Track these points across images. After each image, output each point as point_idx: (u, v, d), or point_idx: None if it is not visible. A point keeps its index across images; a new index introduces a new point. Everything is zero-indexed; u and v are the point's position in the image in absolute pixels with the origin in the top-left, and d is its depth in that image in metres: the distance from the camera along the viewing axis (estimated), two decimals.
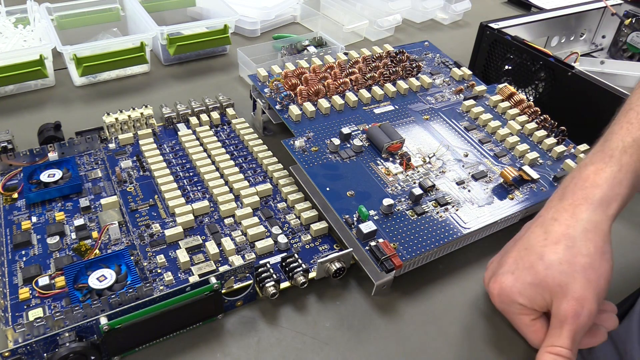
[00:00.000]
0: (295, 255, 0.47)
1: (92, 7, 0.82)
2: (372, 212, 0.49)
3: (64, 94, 0.72)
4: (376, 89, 0.64)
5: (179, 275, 0.47)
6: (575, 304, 0.37)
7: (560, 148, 0.60)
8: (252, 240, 0.50)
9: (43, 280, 0.45)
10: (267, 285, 0.44)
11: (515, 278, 0.39)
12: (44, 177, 0.54)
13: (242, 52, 0.76)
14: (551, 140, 0.61)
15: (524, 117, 0.64)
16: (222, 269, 0.47)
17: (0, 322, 0.41)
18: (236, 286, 0.45)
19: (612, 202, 0.39)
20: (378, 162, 0.56)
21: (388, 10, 0.95)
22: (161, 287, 0.45)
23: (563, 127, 0.63)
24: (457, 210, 0.52)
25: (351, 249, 0.48)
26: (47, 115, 0.67)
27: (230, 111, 0.66)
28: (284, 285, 0.46)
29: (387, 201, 0.49)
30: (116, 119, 0.61)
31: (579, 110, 0.68)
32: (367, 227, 0.47)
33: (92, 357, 0.38)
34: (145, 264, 0.47)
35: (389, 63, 0.69)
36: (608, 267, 0.38)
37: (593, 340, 0.40)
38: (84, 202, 0.53)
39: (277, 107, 0.60)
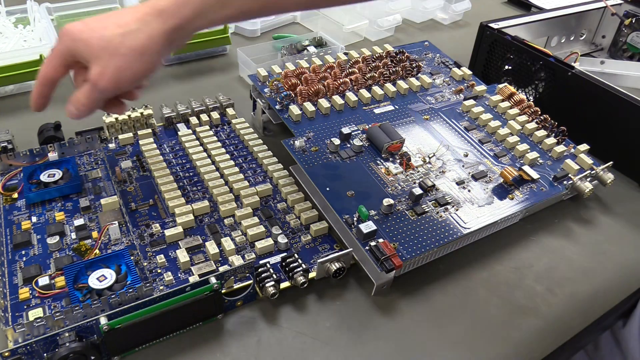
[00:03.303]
0: (295, 255, 0.47)
1: (92, 7, 0.82)
2: (372, 212, 0.49)
3: (63, 94, 0.72)
4: (376, 89, 0.64)
5: (179, 275, 0.47)
6: (97, 75, 0.42)
7: (560, 148, 0.60)
8: (252, 240, 0.50)
9: (43, 280, 0.45)
10: (267, 285, 0.44)
11: (83, 24, 0.43)
12: (44, 177, 0.54)
13: (242, 52, 0.76)
14: (551, 140, 0.61)
15: (524, 117, 0.64)
16: (222, 269, 0.47)
17: (0, 322, 0.41)
18: (236, 286, 0.45)
19: (170, 18, 0.42)
20: (378, 162, 0.56)
21: (388, 10, 0.95)
22: (161, 287, 0.45)
23: (563, 127, 0.63)
24: (457, 210, 0.52)
25: (351, 249, 0.48)
26: (47, 115, 0.67)
27: (230, 111, 0.66)
28: (284, 285, 0.46)
29: (387, 201, 0.49)
30: (116, 119, 0.61)
31: (579, 110, 0.68)
32: (367, 227, 0.47)
33: (92, 357, 0.38)
34: (145, 264, 0.47)
35: (389, 63, 0.69)
36: (141, 68, 0.43)
37: (115, 110, 0.48)
38: (84, 202, 0.53)
39: (277, 107, 0.60)
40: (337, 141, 0.56)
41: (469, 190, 0.54)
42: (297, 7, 0.45)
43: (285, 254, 0.49)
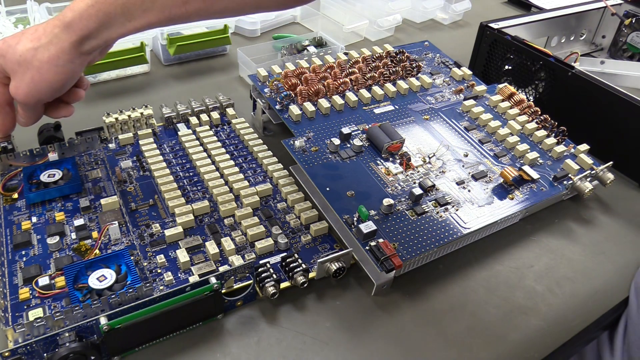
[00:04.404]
0: (295, 255, 0.47)
1: None
2: (372, 212, 0.49)
3: None
4: (376, 89, 0.64)
5: (179, 275, 0.47)
6: (14, 89, 0.46)
7: (560, 148, 0.60)
8: (252, 240, 0.50)
9: (43, 280, 0.45)
10: (267, 285, 0.44)
11: (2, 42, 0.46)
12: (44, 177, 0.54)
13: (242, 52, 0.76)
14: (551, 140, 0.61)
15: (524, 117, 0.64)
16: (222, 269, 0.47)
17: (0, 322, 0.41)
18: (236, 286, 0.45)
19: (76, 31, 0.44)
20: (378, 162, 0.56)
21: (388, 10, 0.95)
22: (161, 287, 0.45)
23: (563, 127, 0.63)
24: (457, 210, 0.52)
25: (351, 249, 0.48)
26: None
27: (230, 111, 0.66)
28: (284, 285, 0.46)
29: (387, 201, 0.49)
30: (116, 119, 0.61)
31: (579, 110, 0.68)
32: (367, 227, 0.47)
33: (92, 357, 0.38)
34: (145, 264, 0.47)
35: (389, 63, 0.69)
36: (57, 78, 0.46)
37: (60, 114, 0.52)
38: (84, 202, 0.53)
39: (277, 107, 0.60)
40: (337, 141, 0.56)
41: (469, 190, 0.54)
42: (200, 18, 0.47)
43: (285, 254, 0.49)
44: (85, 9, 0.43)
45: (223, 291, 0.43)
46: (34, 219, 0.51)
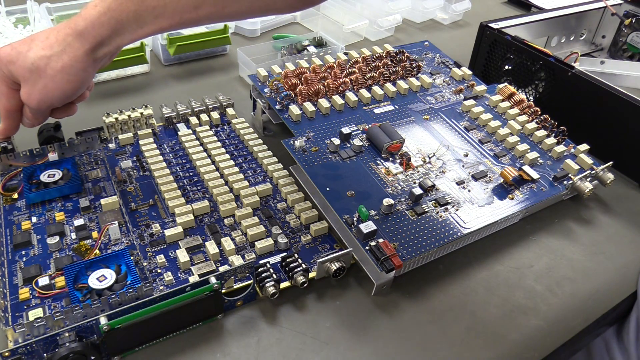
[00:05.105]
0: (295, 255, 0.47)
1: None
2: (372, 212, 0.49)
3: None
4: (376, 89, 0.64)
5: (179, 275, 0.47)
6: (26, 95, 0.46)
7: (560, 148, 0.60)
8: (252, 240, 0.50)
9: (43, 280, 0.45)
10: (267, 285, 0.44)
11: (11, 48, 0.46)
12: (44, 177, 0.54)
13: (242, 52, 0.76)
14: (551, 140, 0.61)
15: (524, 117, 0.64)
16: (222, 269, 0.47)
17: (0, 322, 0.41)
18: (236, 286, 0.45)
19: (89, 39, 0.44)
20: (378, 162, 0.56)
21: (388, 10, 0.95)
22: (161, 287, 0.45)
23: (563, 127, 0.63)
24: (457, 210, 0.52)
25: (351, 249, 0.48)
26: None
27: (230, 111, 0.66)
28: (284, 285, 0.46)
29: (387, 201, 0.49)
30: (116, 119, 0.61)
31: (579, 110, 0.68)
32: (367, 227, 0.47)
33: (92, 357, 0.38)
34: (145, 264, 0.47)
35: (389, 63, 0.69)
36: (69, 86, 0.46)
37: (64, 114, 0.52)
38: (84, 202, 0.53)
39: (277, 107, 0.60)
40: (337, 141, 0.56)
41: (469, 190, 0.54)
42: (210, 21, 0.47)
43: (285, 253, 0.49)
44: (98, 17, 0.43)
45: (223, 291, 0.43)
46: (34, 219, 0.51)
